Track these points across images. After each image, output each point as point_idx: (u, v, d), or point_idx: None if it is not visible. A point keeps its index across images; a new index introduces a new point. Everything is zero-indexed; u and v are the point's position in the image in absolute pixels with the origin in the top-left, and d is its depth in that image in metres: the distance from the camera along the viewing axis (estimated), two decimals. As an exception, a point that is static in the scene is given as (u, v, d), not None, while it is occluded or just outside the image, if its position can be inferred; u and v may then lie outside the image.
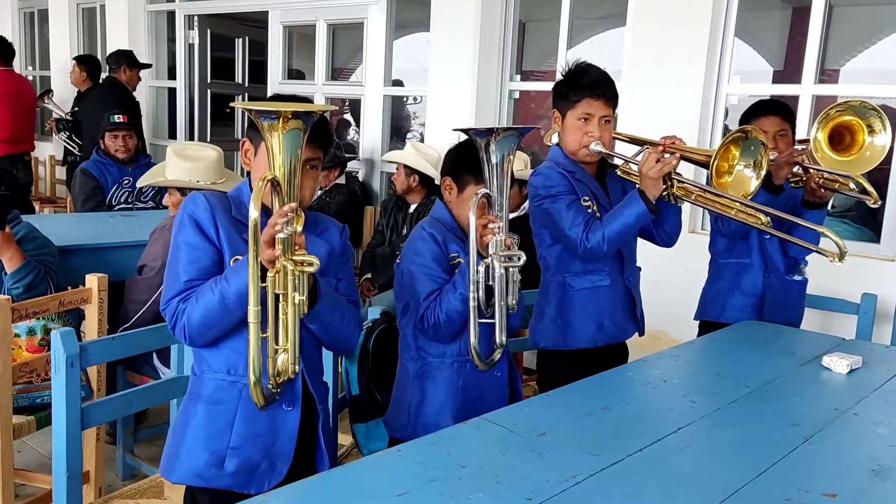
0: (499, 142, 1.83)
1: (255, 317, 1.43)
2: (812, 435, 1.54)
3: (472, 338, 1.83)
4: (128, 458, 3.01)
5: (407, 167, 4.10)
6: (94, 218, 3.86)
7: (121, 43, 6.35)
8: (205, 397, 1.62)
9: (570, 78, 2.24)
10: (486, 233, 1.81)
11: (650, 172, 2.02)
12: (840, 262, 2.05)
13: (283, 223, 1.40)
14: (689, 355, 2.09)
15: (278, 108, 1.42)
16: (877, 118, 2.25)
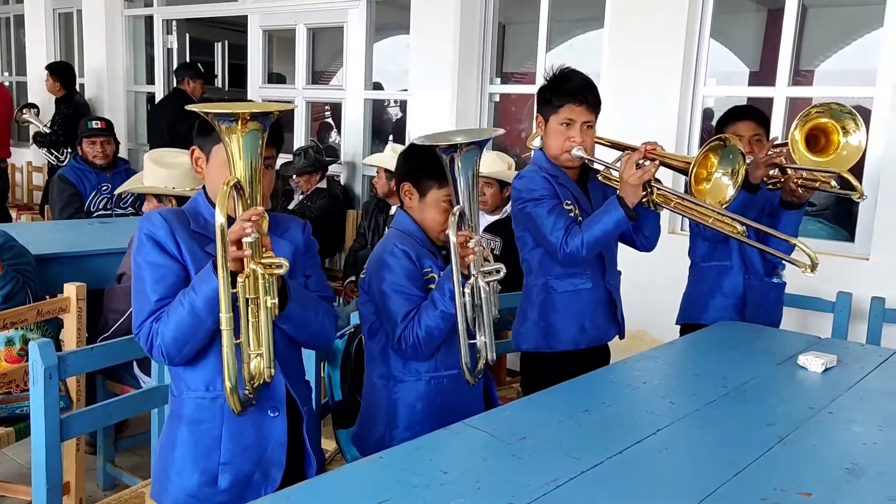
0: (464, 155, 1.83)
1: (227, 323, 1.41)
2: (788, 434, 1.56)
3: (463, 358, 1.83)
4: (108, 469, 2.98)
5: (387, 170, 4.10)
6: (72, 225, 3.82)
7: (98, 48, 6.31)
8: (186, 418, 1.61)
9: (553, 83, 2.25)
10: (468, 252, 1.80)
11: (630, 179, 2.04)
12: (812, 273, 2.08)
13: (251, 226, 1.39)
14: (668, 356, 2.12)
15: (236, 109, 1.40)
16: (850, 119, 2.29)
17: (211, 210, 1.59)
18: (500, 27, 4.58)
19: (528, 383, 2.42)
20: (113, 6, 6.24)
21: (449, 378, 1.96)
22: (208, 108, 1.42)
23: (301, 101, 5.27)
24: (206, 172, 1.63)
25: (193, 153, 1.64)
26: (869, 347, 2.33)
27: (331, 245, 4.85)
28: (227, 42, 6.35)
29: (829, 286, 3.17)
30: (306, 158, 4.63)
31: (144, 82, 6.43)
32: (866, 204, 3.26)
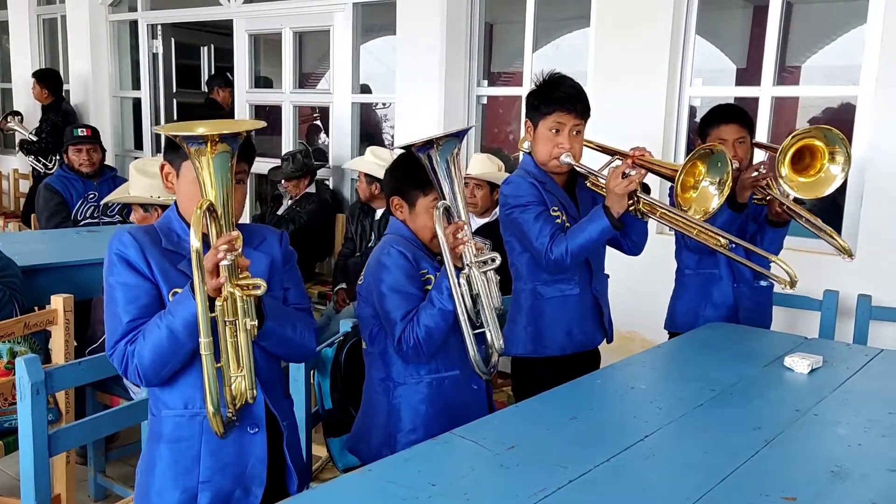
0: (440, 150, 1.83)
1: (207, 348, 1.41)
2: (773, 438, 1.58)
3: (470, 350, 1.81)
4: (99, 479, 2.98)
5: (367, 175, 4.09)
6: (58, 235, 3.80)
7: (83, 53, 6.28)
8: (166, 436, 1.60)
9: (542, 89, 2.25)
10: (458, 243, 1.80)
11: (616, 189, 2.04)
12: (791, 290, 2.10)
13: (225, 250, 1.39)
14: (656, 360, 2.13)
15: (205, 131, 1.38)
16: (842, 150, 2.28)
17: (183, 226, 1.59)
18: (487, 27, 4.58)
19: (519, 387, 2.43)
20: (97, 12, 6.20)
21: (450, 379, 1.96)
22: (176, 130, 1.41)
23: (288, 106, 5.26)
24: (176, 188, 1.61)
25: (163, 168, 1.62)
26: (855, 347, 2.35)
27: (321, 249, 4.85)
28: (212, 46, 6.33)
29: (816, 284, 3.19)
30: (294, 163, 4.62)
31: (130, 88, 6.40)
32: (852, 202, 3.29)
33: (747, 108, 3.59)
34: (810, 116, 5.53)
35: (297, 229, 4.53)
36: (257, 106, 5.55)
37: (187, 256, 1.55)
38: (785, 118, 5.58)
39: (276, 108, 5.39)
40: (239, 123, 1.46)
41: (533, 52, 4.20)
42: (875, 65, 3.13)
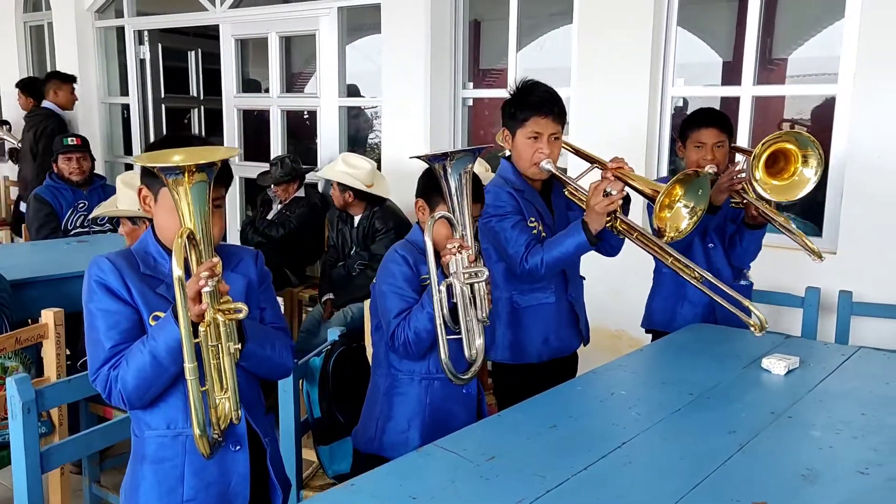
0: (454, 164, 1.89)
1: (192, 373, 1.44)
2: (748, 441, 1.62)
3: (442, 354, 1.87)
4: (94, 489, 3.01)
5: (340, 184, 4.08)
6: (48, 247, 3.81)
7: (70, 60, 6.28)
8: (149, 457, 1.63)
9: (517, 97, 2.28)
10: (445, 253, 1.87)
11: (596, 207, 2.07)
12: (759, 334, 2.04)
13: (206, 277, 1.42)
14: (636, 365, 2.17)
15: (181, 161, 1.41)
16: (814, 152, 2.31)
17: (160, 251, 1.62)
18: (474, 24, 4.60)
19: (500, 392, 2.48)
20: (84, 18, 6.20)
21: (441, 381, 2.01)
22: (153, 159, 1.44)
23: (276, 110, 5.27)
24: (154, 212, 1.63)
25: (141, 192, 1.65)
26: (832, 346, 2.39)
27: (311, 253, 4.87)
28: (199, 50, 6.33)
29: (797, 280, 3.24)
30: (283, 168, 4.64)
31: (118, 94, 6.40)
32: (832, 199, 3.33)
33: (730, 107, 3.65)
34: (797, 110, 5.57)
35: (287, 233, 4.56)
36: (245, 110, 5.57)
37: (165, 280, 1.59)
38: (771, 115, 5.63)
39: (263, 112, 5.41)
40: (214, 152, 1.48)
41: (517, 49, 4.22)
42: (853, 63, 3.17)
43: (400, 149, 4.47)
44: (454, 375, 1.89)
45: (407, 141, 4.45)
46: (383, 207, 4.07)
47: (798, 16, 6.23)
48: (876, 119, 3.09)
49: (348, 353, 2.43)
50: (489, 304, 1.91)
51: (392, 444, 2.03)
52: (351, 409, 2.36)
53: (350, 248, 4.15)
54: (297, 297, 4.64)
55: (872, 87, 3.09)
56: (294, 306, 4.67)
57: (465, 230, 1.91)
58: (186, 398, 1.58)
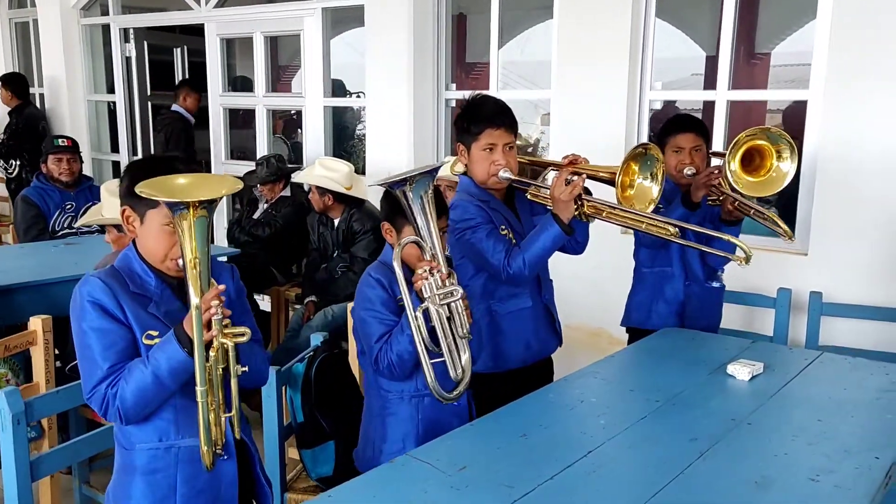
0: (414, 187, 1.93)
1: (203, 396, 1.53)
2: (707, 449, 1.70)
3: (428, 378, 1.92)
4: (84, 490, 3.07)
5: (318, 187, 4.14)
6: (35, 250, 3.84)
7: (56, 57, 6.29)
8: (140, 468, 1.69)
9: (468, 112, 2.33)
10: (416, 279, 1.92)
11: (561, 196, 2.14)
12: (746, 265, 2.22)
13: (217, 305, 1.49)
14: (608, 371, 2.24)
15: (186, 197, 1.46)
16: (786, 146, 2.40)
17: (145, 269, 1.67)
18: (459, 18, 4.62)
19: (481, 403, 2.53)
20: (69, 15, 6.20)
21: (431, 397, 2.03)
22: (157, 189, 1.49)
23: (261, 109, 5.31)
24: (139, 233, 1.67)
25: (124, 212, 1.68)
26: (796, 351, 2.48)
27: (296, 252, 4.92)
28: (185, 47, 6.35)
29: (770, 281, 3.33)
30: (269, 168, 4.69)
31: (105, 91, 6.42)
32: (804, 201, 3.41)
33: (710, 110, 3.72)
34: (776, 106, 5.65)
35: (273, 232, 4.61)
36: (231, 109, 5.60)
37: (154, 299, 1.66)
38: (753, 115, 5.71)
39: (250, 111, 5.45)
40: (219, 183, 1.53)
41: (499, 45, 4.26)
42: (824, 67, 3.24)
43: (384, 149, 4.53)
44: (442, 396, 1.94)
45: (391, 141, 4.51)
46: (361, 209, 4.13)
47: (781, 10, 6.29)
48: (847, 123, 3.17)
49: (330, 358, 2.50)
50: (469, 319, 1.95)
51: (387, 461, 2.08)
52: (333, 413, 2.44)
53: (332, 250, 4.20)
54: (283, 295, 4.70)
55: (843, 91, 3.16)
56: (280, 305, 4.73)
57: (434, 249, 1.95)
58: (177, 412, 1.67)
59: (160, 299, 1.67)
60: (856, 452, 1.69)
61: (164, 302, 1.67)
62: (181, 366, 1.55)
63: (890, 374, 2.17)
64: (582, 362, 2.60)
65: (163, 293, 1.68)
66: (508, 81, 4.88)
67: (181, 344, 1.55)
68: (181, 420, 1.68)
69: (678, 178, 2.70)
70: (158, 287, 1.68)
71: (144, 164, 1.72)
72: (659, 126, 3.03)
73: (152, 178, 1.56)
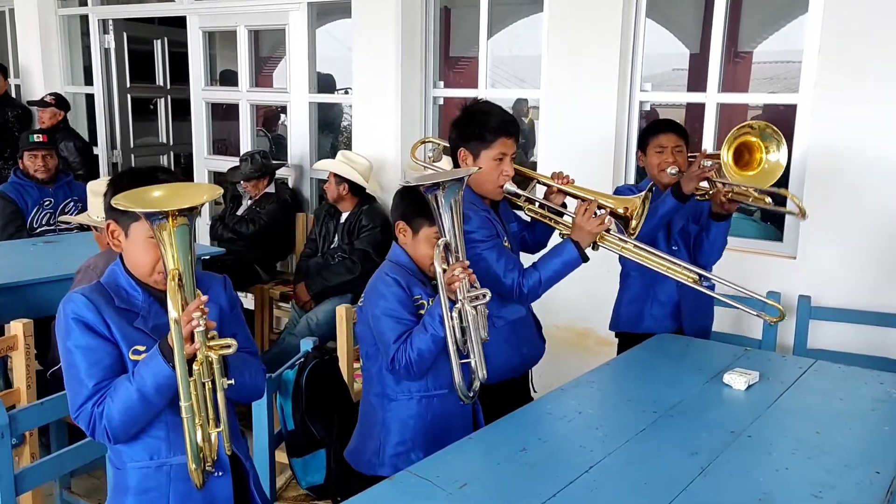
0: (446, 192, 1.92)
1: (189, 411, 1.49)
2: (709, 464, 1.69)
3: (456, 378, 1.93)
4: (65, 495, 3.00)
5: (337, 175, 4.14)
6: (13, 249, 3.74)
7: (32, 48, 6.15)
8: (133, 488, 1.64)
9: (477, 118, 2.28)
10: (454, 279, 1.90)
11: (590, 227, 2.17)
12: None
13: (198, 317, 1.44)
14: (603, 381, 2.23)
15: (164, 206, 1.42)
16: (774, 141, 2.42)
17: (131, 283, 1.63)
18: (444, 11, 4.57)
19: None
20: (46, 5, 6.05)
21: (439, 397, 2.05)
22: (134, 201, 1.45)
23: (245, 105, 5.22)
24: (124, 247, 1.64)
25: (109, 226, 1.65)
26: (790, 359, 2.48)
27: (281, 249, 4.87)
28: (166, 39, 6.23)
29: (759, 285, 3.32)
30: (253, 164, 4.63)
31: (83, 83, 6.28)
32: (793, 204, 3.42)
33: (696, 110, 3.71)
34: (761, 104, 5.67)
35: (257, 229, 4.55)
36: (214, 104, 5.51)
37: (140, 313, 1.61)
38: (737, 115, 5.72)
39: (233, 106, 5.37)
40: (197, 192, 1.49)
41: (488, 36, 4.23)
42: (813, 71, 3.24)
43: (371, 146, 4.47)
44: (466, 396, 1.95)
45: (378, 138, 4.46)
46: (371, 205, 4.17)
47: (763, 8, 6.32)
48: (836, 127, 3.17)
49: (321, 365, 2.46)
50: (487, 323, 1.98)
51: (395, 465, 2.03)
52: (324, 421, 2.40)
53: (332, 242, 4.21)
54: (267, 293, 4.65)
55: (833, 95, 3.16)
56: (265, 303, 4.67)
57: (458, 252, 1.95)
58: (168, 429, 1.62)
59: (147, 314, 1.63)
60: (856, 466, 1.68)
61: (151, 316, 1.63)
62: (166, 381, 1.51)
63: (884, 383, 2.18)
64: (569, 363, 2.60)
65: (150, 307, 1.64)
66: (497, 79, 4.84)
67: (166, 359, 1.50)
68: (172, 437, 1.64)
69: (660, 177, 2.70)
70: (146, 301, 1.64)
71: (127, 177, 1.68)
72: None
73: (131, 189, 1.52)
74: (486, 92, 4.26)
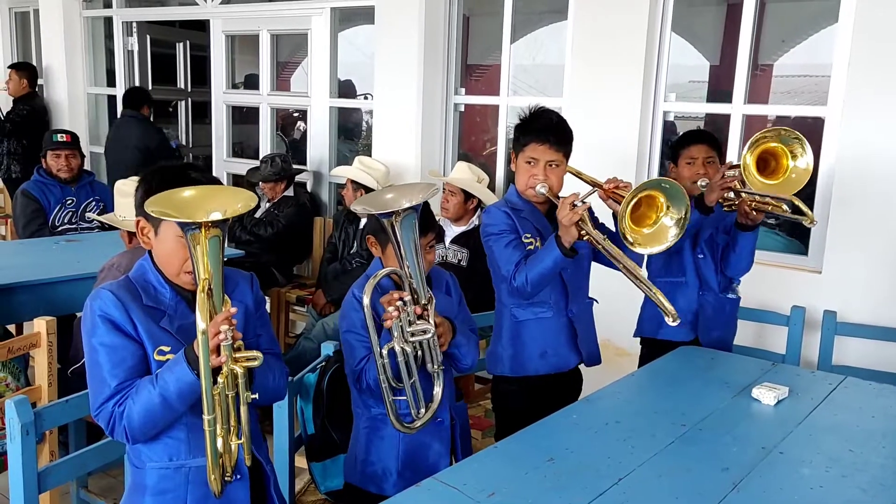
0: (402, 221, 1.87)
1: (211, 424, 1.48)
2: (741, 480, 1.66)
3: (390, 415, 1.92)
4: (82, 494, 3.00)
5: (354, 182, 4.15)
6: (35, 247, 3.75)
7: (56, 49, 6.20)
8: (150, 488, 1.63)
9: (522, 122, 2.35)
10: (386, 317, 1.86)
11: (563, 220, 2.12)
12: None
13: (226, 330, 1.43)
14: (629, 392, 2.20)
15: (197, 218, 1.41)
16: (798, 144, 2.39)
17: (160, 280, 1.63)
18: (463, 19, 4.58)
19: (498, 406, 2.52)
20: (71, 7, 6.11)
21: (410, 417, 2.00)
22: (165, 205, 1.44)
23: (266, 108, 5.24)
24: (154, 245, 1.63)
25: (139, 223, 1.64)
26: (819, 374, 2.44)
27: (299, 253, 4.87)
28: (188, 42, 6.27)
29: (783, 299, 3.30)
30: (273, 167, 4.64)
31: (105, 84, 6.33)
32: (819, 218, 3.37)
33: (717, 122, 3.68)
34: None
35: (275, 232, 4.56)
36: (234, 106, 5.53)
37: (168, 312, 1.60)
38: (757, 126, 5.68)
39: (252, 110, 5.39)
40: (232, 199, 1.47)
41: (510, 44, 4.22)
42: (843, 87, 3.21)
43: (391, 153, 4.47)
44: (405, 429, 1.94)
45: (398, 145, 4.46)
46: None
47: (785, 21, 6.29)
48: (865, 140, 3.14)
49: (342, 369, 2.44)
50: (442, 351, 1.95)
51: (371, 478, 2.08)
52: (345, 425, 2.38)
53: (351, 246, 4.21)
54: (284, 297, 4.65)
55: (861, 106, 3.13)
56: (281, 306, 4.67)
57: (414, 278, 1.90)
58: (189, 431, 1.61)
59: (174, 313, 1.62)
60: (892, 486, 1.65)
61: (178, 316, 1.62)
62: (189, 388, 1.50)
63: (916, 401, 2.13)
64: (588, 373, 2.57)
65: (177, 306, 1.63)
66: (517, 87, 4.83)
67: (191, 366, 1.49)
68: (193, 440, 1.63)
69: (692, 189, 2.67)
70: (173, 300, 1.63)
71: (159, 174, 1.67)
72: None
73: (163, 190, 1.51)
74: (508, 100, 4.26)
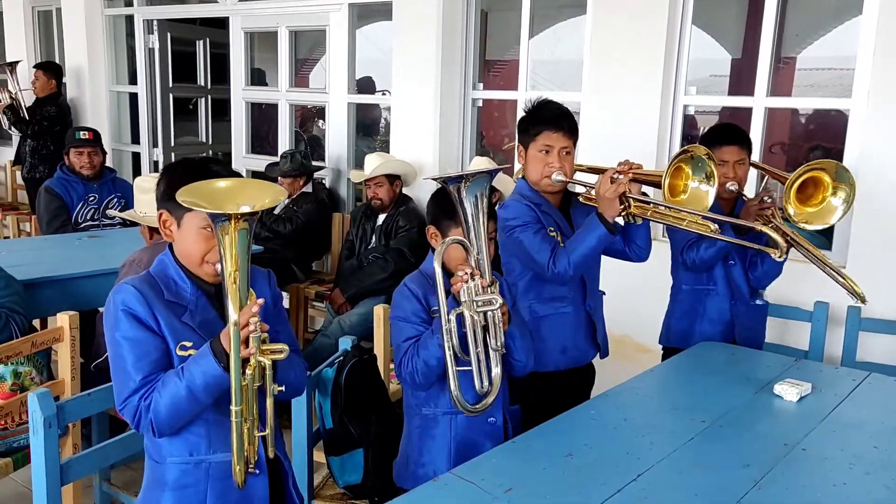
0: (469, 186, 1.86)
1: (238, 415, 1.49)
2: (762, 477, 1.64)
3: (451, 386, 1.84)
4: (105, 487, 3.03)
5: (388, 175, 4.15)
6: (59, 243, 3.81)
7: (79, 47, 6.26)
8: (171, 483, 1.63)
9: (530, 113, 2.34)
10: (455, 281, 1.84)
11: (606, 193, 2.12)
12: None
13: (256, 322, 1.44)
14: (648, 387, 2.18)
15: (228, 209, 1.42)
16: (846, 186, 2.30)
17: (181, 275, 1.63)
18: (481, 15, 4.57)
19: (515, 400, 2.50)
20: (93, 5, 6.16)
21: (464, 416, 1.96)
22: (196, 195, 1.44)
23: (284, 104, 5.26)
24: (176, 237, 1.63)
25: (161, 216, 1.64)
26: (842, 370, 2.41)
27: (317, 249, 4.89)
28: (208, 39, 6.31)
29: (806, 294, 3.25)
30: (292, 162, 4.65)
31: (126, 82, 6.38)
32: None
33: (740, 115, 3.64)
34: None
35: (294, 228, 4.57)
36: (252, 103, 5.56)
37: (189, 307, 1.61)
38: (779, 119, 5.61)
39: (270, 106, 5.41)
40: (261, 192, 1.47)
41: (529, 38, 4.20)
42: (867, 79, 3.15)
43: (409, 149, 4.47)
44: (464, 407, 1.85)
45: (417, 140, 4.45)
46: (408, 206, 4.20)
47: (809, 14, 6.20)
48: (889, 133, 3.08)
49: (360, 364, 2.45)
50: (504, 331, 1.87)
51: (421, 480, 1.96)
52: (363, 420, 2.38)
53: (368, 243, 4.22)
54: (303, 293, 4.66)
55: (886, 101, 3.08)
56: (300, 302, 4.69)
57: (480, 254, 1.87)
58: (209, 426, 1.62)
59: (195, 307, 1.63)
60: (917, 484, 1.62)
61: (199, 311, 1.63)
62: (216, 381, 1.50)
63: (943, 398, 2.10)
64: (607, 369, 2.55)
65: (198, 301, 1.63)
66: (536, 81, 4.81)
67: (217, 358, 1.50)
68: (213, 435, 1.63)
69: (720, 191, 2.60)
70: (194, 294, 1.63)
71: (182, 168, 1.68)
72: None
73: (186, 184, 1.50)
74: (526, 94, 4.23)
